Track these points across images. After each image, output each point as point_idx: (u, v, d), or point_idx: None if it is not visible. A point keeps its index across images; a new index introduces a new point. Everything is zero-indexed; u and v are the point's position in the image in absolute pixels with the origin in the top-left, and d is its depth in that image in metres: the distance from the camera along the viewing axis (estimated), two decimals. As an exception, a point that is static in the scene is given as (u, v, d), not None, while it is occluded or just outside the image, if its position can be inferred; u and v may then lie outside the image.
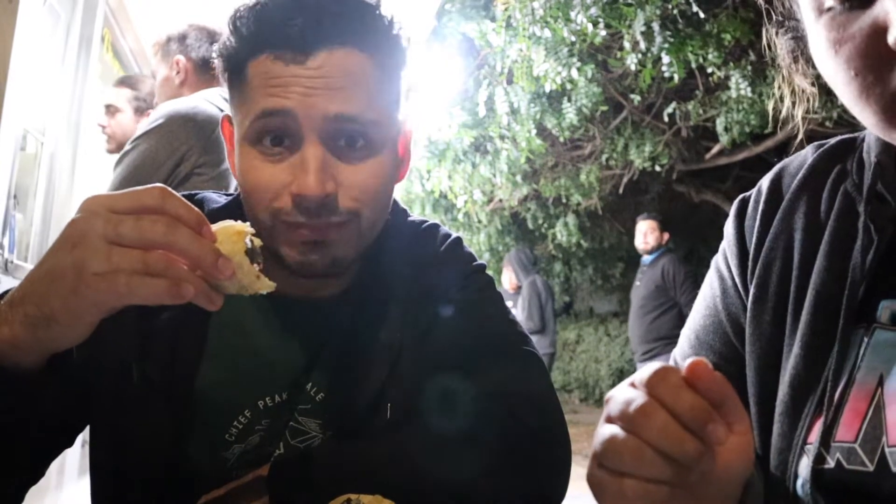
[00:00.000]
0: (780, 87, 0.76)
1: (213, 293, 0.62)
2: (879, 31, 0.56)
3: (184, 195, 0.94)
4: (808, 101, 0.74)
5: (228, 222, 0.65)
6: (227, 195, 0.97)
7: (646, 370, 0.52)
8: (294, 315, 0.85)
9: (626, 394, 0.52)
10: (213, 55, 0.86)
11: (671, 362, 0.86)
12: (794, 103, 0.76)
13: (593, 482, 0.53)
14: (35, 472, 0.79)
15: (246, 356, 0.88)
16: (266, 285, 0.66)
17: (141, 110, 2.71)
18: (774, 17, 0.71)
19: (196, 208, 0.62)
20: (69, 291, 0.59)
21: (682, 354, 0.84)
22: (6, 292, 0.67)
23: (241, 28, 0.81)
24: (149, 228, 0.59)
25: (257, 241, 0.66)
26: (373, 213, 0.83)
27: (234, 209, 0.92)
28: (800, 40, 0.69)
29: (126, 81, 2.81)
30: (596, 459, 0.52)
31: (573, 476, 0.83)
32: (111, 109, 2.73)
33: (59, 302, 0.59)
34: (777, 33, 0.72)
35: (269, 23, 0.79)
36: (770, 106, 0.78)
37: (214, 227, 0.64)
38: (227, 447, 0.88)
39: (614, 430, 0.51)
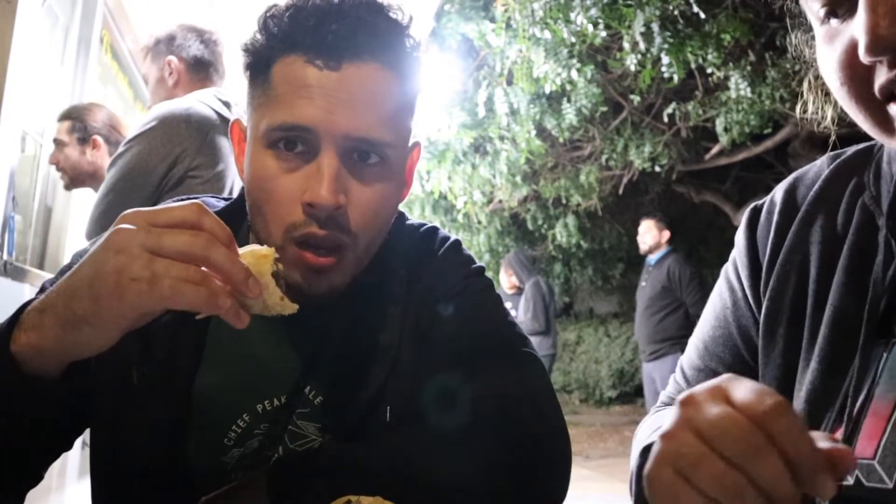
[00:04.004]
0: (806, 90, 0.77)
1: (241, 310, 0.64)
2: (855, 46, 0.59)
3: (179, 199, 0.95)
4: (835, 100, 0.74)
5: (254, 246, 0.68)
6: (226, 199, 0.97)
7: (753, 391, 0.47)
8: (292, 318, 0.85)
9: (726, 416, 0.47)
10: (205, 54, 0.88)
11: (678, 369, 0.86)
12: (817, 103, 0.76)
13: (662, 487, 0.49)
14: (35, 475, 0.79)
15: (244, 360, 0.88)
16: (289, 307, 0.68)
17: (85, 140, 2.63)
18: (798, 20, 0.73)
19: (227, 227, 0.65)
20: (110, 293, 0.60)
21: (690, 363, 0.83)
22: (31, 301, 0.68)
23: (273, 26, 0.81)
24: (190, 242, 0.62)
25: (280, 265, 0.68)
26: (371, 235, 0.84)
27: (233, 213, 0.92)
28: None
29: (67, 113, 2.71)
30: (675, 469, 0.48)
31: (574, 477, 0.83)
32: (58, 144, 2.65)
33: (96, 304, 0.61)
34: (804, 37, 0.74)
35: (304, 24, 0.79)
36: (798, 109, 0.78)
37: (241, 250, 0.66)
38: (226, 451, 0.87)
39: (710, 456, 0.46)
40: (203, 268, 0.63)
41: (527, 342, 0.92)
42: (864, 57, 0.57)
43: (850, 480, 0.61)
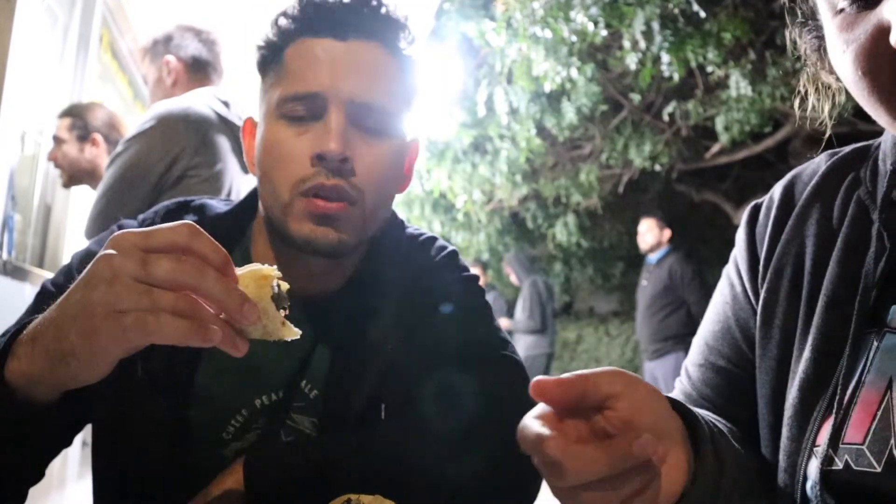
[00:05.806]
0: (804, 85, 0.78)
1: (237, 339, 0.60)
2: (883, 31, 0.58)
3: (180, 200, 0.97)
4: (833, 97, 0.76)
5: (255, 266, 0.63)
6: (227, 202, 0.98)
7: None
8: (292, 314, 0.85)
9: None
10: (203, 53, 0.90)
11: (682, 370, 0.87)
12: (818, 100, 0.77)
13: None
14: (37, 474, 0.80)
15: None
16: (291, 332, 0.64)
17: (84, 138, 2.63)
18: (798, 17, 0.73)
19: (223, 249, 0.61)
20: (94, 328, 0.57)
21: (693, 362, 0.84)
22: (27, 323, 0.65)
23: (284, 19, 0.89)
24: (179, 269, 0.58)
25: (284, 286, 0.64)
26: (376, 197, 0.87)
27: (238, 214, 0.95)
28: (822, 39, 0.70)
29: (68, 110, 2.72)
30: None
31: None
32: (57, 141, 2.65)
33: (82, 338, 0.58)
34: (801, 33, 0.74)
35: (312, 10, 0.87)
36: (796, 104, 0.79)
37: (241, 270, 0.62)
38: (225, 445, 0.88)
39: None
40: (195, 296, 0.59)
41: (508, 346, 0.96)
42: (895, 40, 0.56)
43: (839, 464, 0.63)
